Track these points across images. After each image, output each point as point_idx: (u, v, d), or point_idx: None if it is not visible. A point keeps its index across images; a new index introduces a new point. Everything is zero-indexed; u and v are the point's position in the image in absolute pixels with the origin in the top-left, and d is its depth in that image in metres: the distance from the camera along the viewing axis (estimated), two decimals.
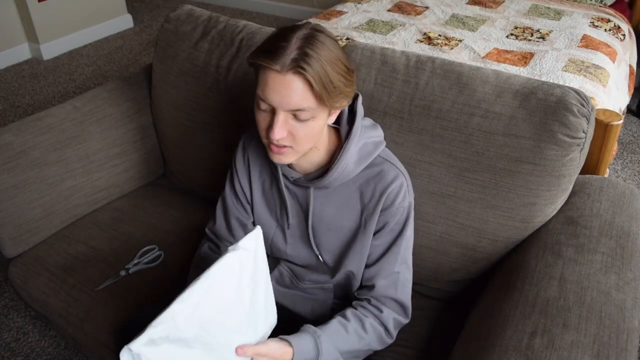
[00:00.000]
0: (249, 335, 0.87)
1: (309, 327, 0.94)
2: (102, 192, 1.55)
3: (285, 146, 0.88)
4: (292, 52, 0.81)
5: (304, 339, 0.92)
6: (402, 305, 1.02)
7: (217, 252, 1.11)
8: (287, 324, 1.01)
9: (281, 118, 0.85)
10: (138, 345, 0.73)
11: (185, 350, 0.78)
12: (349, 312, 0.99)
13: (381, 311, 1.00)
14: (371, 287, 1.00)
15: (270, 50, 0.82)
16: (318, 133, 0.89)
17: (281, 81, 0.82)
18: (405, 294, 1.02)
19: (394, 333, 1.03)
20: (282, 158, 0.91)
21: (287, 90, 0.82)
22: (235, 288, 0.84)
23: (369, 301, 1.01)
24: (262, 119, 0.88)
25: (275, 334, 0.97)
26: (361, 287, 1.04)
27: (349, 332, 0.96)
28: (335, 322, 0.97)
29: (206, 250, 1.12)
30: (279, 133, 0.85)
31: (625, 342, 0.86)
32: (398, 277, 0.99)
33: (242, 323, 0.86)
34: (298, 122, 0.86)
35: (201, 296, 0.79)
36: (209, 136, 1.47)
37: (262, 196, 1.07)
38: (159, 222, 1.48)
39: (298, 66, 0.80)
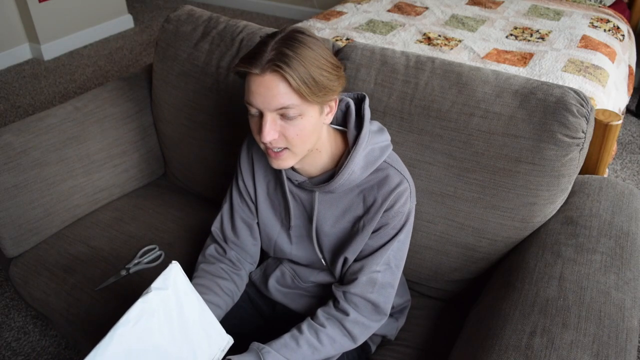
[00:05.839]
0: None
1: (254, 344, 0.95)
2: (103, 192, 1.55)
3: (281, 150, 0.89)
4: (269, 54, 0.83)
5: (246, 357, 0.92)
6: (376, 307, 0.99)
7: (223, 254, 1.11)
8: (289, 323, 1.01)
9: (269, 119, 0.86)
10: None
11: None
12: (305, 324, 0.98)
13: (347, 314, 0.98)
14: (351, 281, 0.99)
15: (250, 56, 0.85)
16: (312, 132, 0.89)
17: (261, 82, 0.84)
18: (383, 296, 0.99)
19: (361, 338, 1.00)
20: (281, 163, 0.91)
21: (268, 90, 0.84)
22: (158, 328, 0.83)
23: (337, 304, 0.99)
24: (254, 125, 0.90)
25: (277, 333, 0.98)
26: (342, 280, 1.03)
27: (301, 344, 0.95)
28: (287, 336, 0.97)
29: (212, 252, 1.12)
30: (269, 135, 0.86)
31: (625, 341, 0.86)
32: (377, 277, 0.98)
33: (179, 356, 0.85)
34: (287, 122, 0.86)
35: (114, 348, 0.77)
36: (209, 136, 1.48)
37: (266, 196, 1.07)
38: (159, 221, 1.49)
39: (274, 65, 0.82)
